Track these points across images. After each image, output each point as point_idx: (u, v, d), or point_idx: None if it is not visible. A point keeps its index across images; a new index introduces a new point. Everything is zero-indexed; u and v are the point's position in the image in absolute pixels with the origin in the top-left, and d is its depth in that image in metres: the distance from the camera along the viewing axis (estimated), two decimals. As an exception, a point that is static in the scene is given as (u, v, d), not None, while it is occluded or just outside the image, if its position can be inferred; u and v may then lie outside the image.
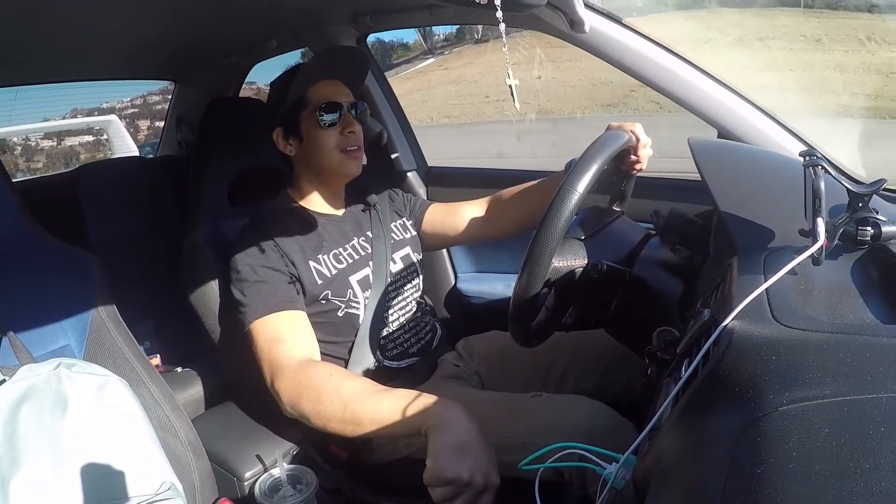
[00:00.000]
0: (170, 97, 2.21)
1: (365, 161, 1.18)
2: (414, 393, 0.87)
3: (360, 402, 0.88)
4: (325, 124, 1.09)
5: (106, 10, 1.19)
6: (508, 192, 1.23)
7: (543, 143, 7.49)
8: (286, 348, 0.97)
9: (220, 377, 1.39)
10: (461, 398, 1.06)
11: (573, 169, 0.76)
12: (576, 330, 0.93)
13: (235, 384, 1.26)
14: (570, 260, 0.85)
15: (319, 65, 1.15)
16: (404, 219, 1.29)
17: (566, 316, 0.91)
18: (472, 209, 1.26)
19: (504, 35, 0.72)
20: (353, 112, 1.12)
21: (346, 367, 1.09)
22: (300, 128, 1.10)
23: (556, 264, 0.83)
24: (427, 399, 0.85)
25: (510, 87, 0.73)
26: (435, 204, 1.33)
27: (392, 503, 1.04)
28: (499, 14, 0.68)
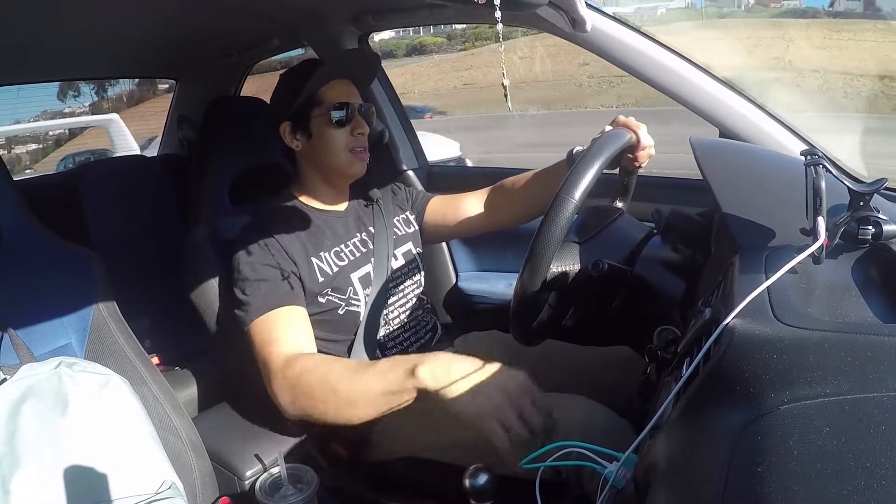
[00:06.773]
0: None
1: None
2: (392, 359, 0.89)
3: (347, 383, 0.89)
4: (336, 123, 1.09)
5: (107, 9, 1.19)
6: (510, 181, 1.23)
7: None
8: (276, 349, 0.96)
9: (221, 376, 1.39)
10: None
11: (571, 173, 0.76)
12: (577, 329, 0.93)
13: (235, 383, 1.26)
14: (568, 265, 0.85)
15: (336, 64, 1.15)
16: (407, 213, 1.29)
17: (568, 316, 0.91)
18: (474, 200, 1.26)
19: (501, 35, 0.72)
20: (361, 113, 1.12)
21: None
22: (310, 124, 1.10)
23: (554, 269, 0.83)
24: (405, 359, 0.87)
25: (504, 86, 0.73)
26: (437, 196, 1.33)
27: (393, 501, 1.04)
28: (497, 14, 0.68)
